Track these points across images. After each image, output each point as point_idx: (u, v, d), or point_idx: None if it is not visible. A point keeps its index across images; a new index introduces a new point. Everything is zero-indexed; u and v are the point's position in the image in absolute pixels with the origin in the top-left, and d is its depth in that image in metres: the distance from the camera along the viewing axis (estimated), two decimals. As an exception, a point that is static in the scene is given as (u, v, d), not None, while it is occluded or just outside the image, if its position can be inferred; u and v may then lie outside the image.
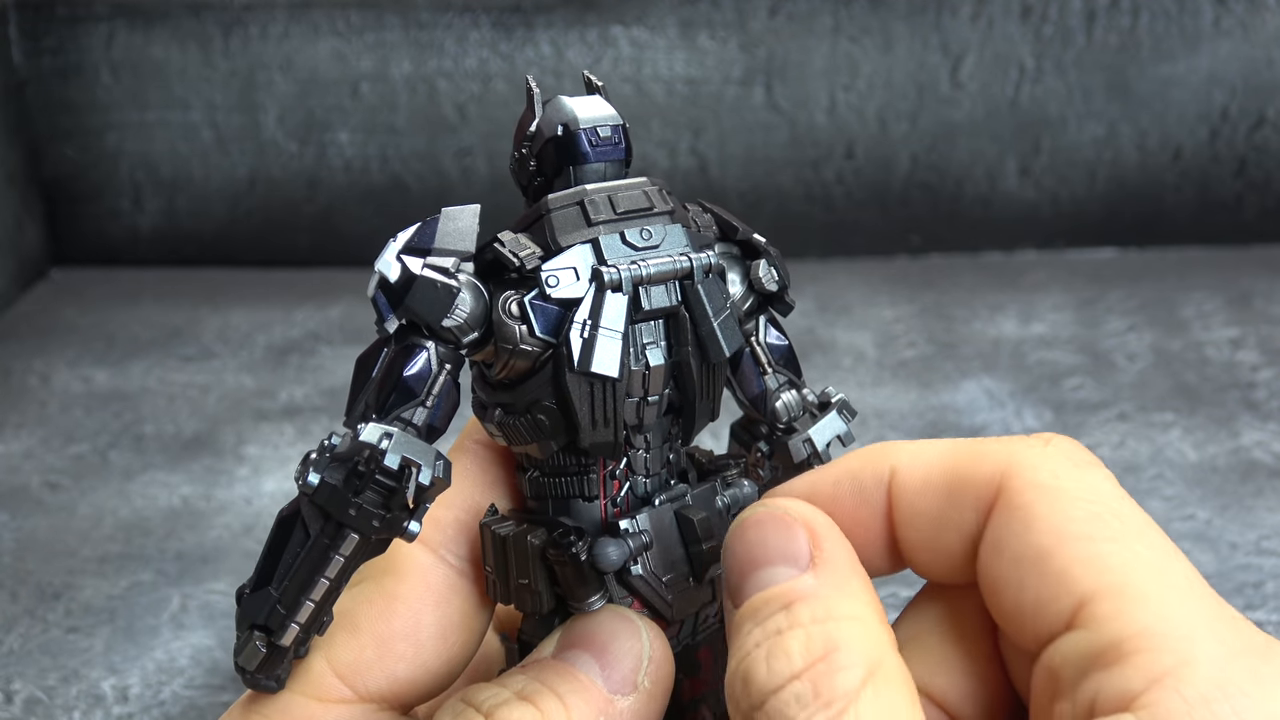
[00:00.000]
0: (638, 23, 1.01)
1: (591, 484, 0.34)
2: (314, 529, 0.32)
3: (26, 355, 0.93)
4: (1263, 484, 0.72)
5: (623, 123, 0.35)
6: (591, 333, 0.31)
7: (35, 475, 0.77)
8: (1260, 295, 0.95)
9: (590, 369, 0.31)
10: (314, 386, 0.88)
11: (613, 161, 0.34)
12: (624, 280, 0.32)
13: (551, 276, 0.32)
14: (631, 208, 0.33)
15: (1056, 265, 1.03)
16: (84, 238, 1.08)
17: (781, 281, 0.36)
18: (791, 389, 0.37)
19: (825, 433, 0.37)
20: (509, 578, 0.34)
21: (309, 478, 0.31)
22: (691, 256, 0.33)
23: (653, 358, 0.33)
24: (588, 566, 0.32)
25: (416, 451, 0.31)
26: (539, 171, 0.35)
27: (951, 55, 1.01)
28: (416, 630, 0.34)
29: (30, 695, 0.59)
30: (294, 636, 0.32)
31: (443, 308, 0.32)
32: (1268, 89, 1.01)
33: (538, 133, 0.35)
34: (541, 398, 0.32)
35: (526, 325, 0.32)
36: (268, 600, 0.32)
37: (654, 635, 0.33)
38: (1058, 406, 0.81)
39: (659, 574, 0.34)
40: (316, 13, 1.02)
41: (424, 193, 1.05)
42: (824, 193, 1.04)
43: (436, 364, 0.32)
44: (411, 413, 0.32)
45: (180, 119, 1.04)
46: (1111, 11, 1.00)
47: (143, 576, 0.67)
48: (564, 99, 0.35)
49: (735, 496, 0.35)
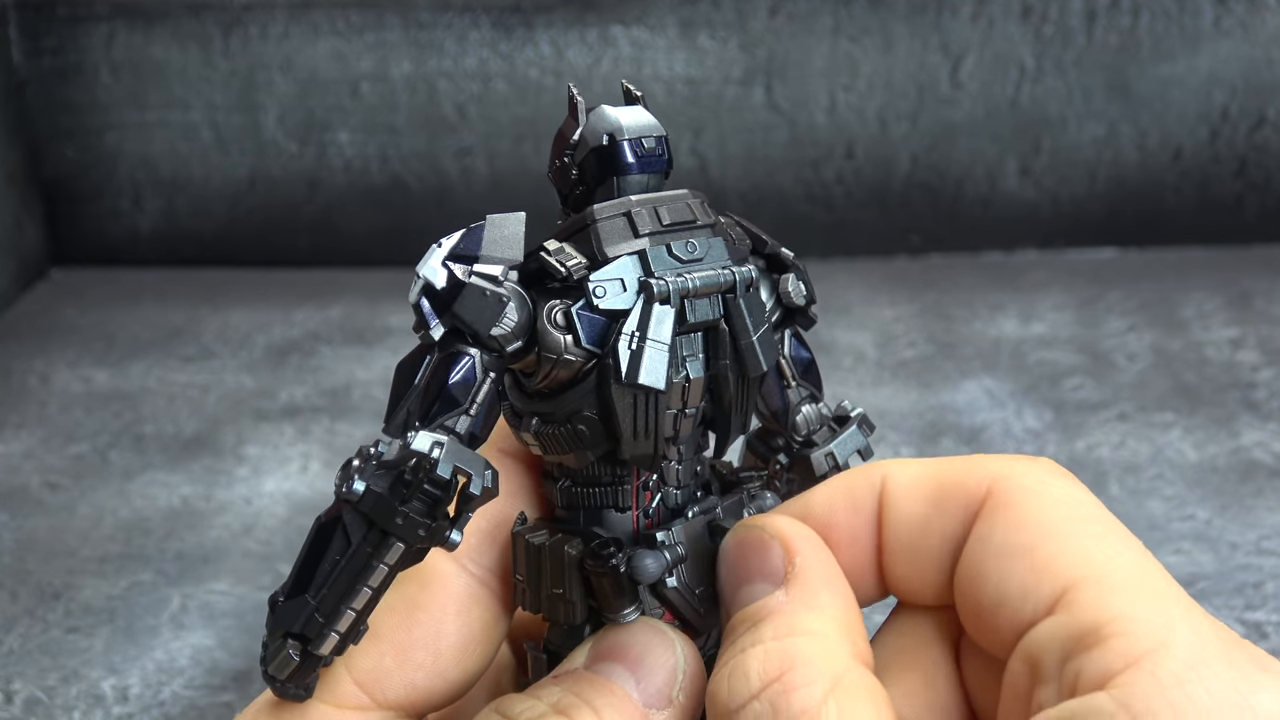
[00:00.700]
0: (638, 23, 1.01)
1: (625, 495, 0.34)
2: (356, 537, 0.31)
3: (26, 355, 0.93)
4: (1263, 484, 0.72)
5: (665, 133, 0.35)
6: (639, 345, 0.31)
7: (35, 475, 0.77)
8: (1260, 295, 0.95)
9: (638, 381, 0.31)
10: (314, 386, 0.88)
11: (655, 173, 0.34)
12: (672, 293, 0.32)
13: (599, 287, 0.32)
14: (676, 220, 0.33)
15: (1056, 265, 1.03)
16: (84, 238, 1.08)
17: (808, 296, 0.36)
18: (812, 402, 0.37)
19: (847, 447, 0.37)
20: (541, 587, 0.34)
21: (354, 485, 0.31)
22: (735, 270, 0.33)
23: (692, 370, 0.33)
24: (625, 578, 0.32)
25: (467, 461, 0.31)
26: (580, 180, 0.35)
27: (951, 55, 1.01)
28: (437, 640, 0.34)
29: (30, 695, 0.59)
30: (333, 645, 0.32)
31: (492, 316, 0.32)
32: (1268, 89, 1.01)
33: (581, 142, 0.34)
34: (583, 408, 0.32)
35: (572, 335, 0.32)
36: (304, 608, 0.32)
37: (688, 649, 0.33)
38: (1058, 406, 0.81)
39: (692, 586, 0.34)
40: (316, 13, 1.02)
41: (424, 193, 1.05)
42: (824, 193, 1.04)
43: (481, 372, 0.32)
44: (455, 421, 0.32)
45: (180, 119, 1.04)
46: (1111, 11, 1.00)
47: (143, 576, 0.67)
48: (608, 109, 0.35)
49: (760, 509, 0.36)
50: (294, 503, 0.74)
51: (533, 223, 0.34)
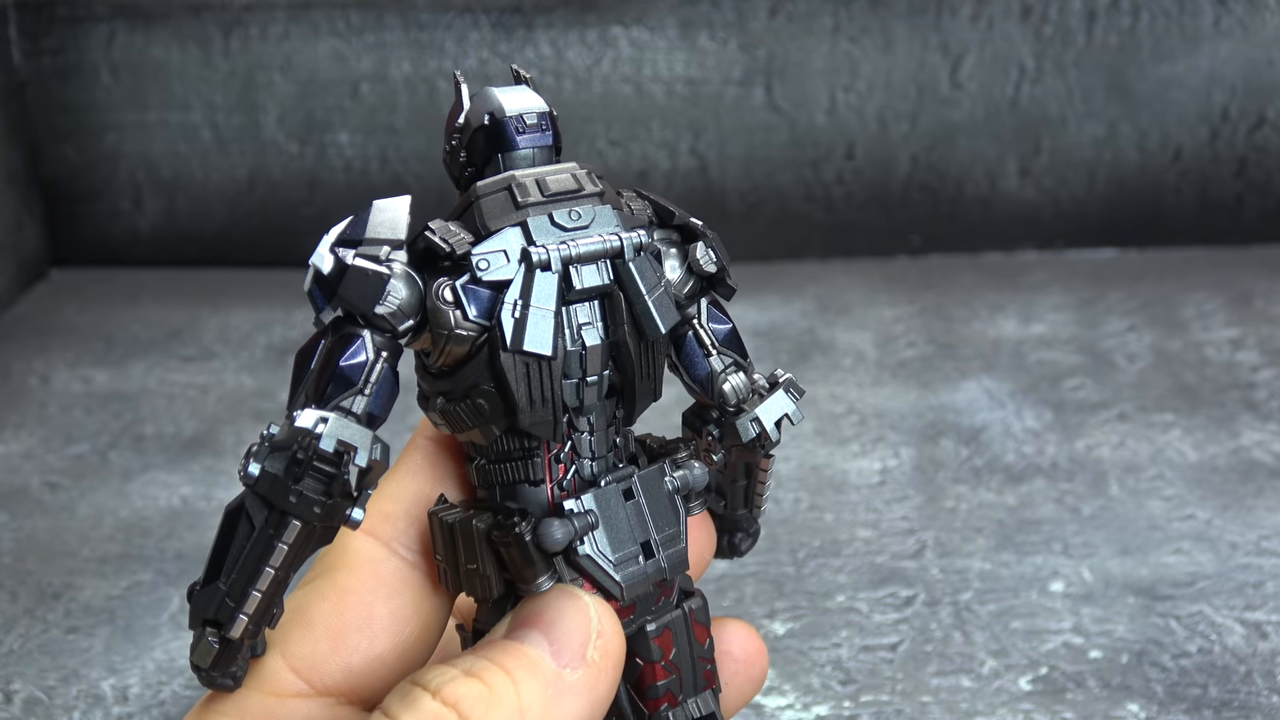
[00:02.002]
0: (638, 23, 1.01)
1: (537, 468, 0.34)
2: (258, 520, 0.32)
3: (26, 355, 0.93)
4: (1263, 484, 0.72)
5: (549, 110, 0.35)
6: (523, 312, 0.32)
7: (35, 475, 0.77)
8: (1260, 295, 0.95)
9: (523, 348, 0.32)
10: (314, 386, 0.88)
11: (541, 148, 0.34)
12: (553, 259, 0.32)
13: (482, 260, 0.32)
14: (560, 190, 0.33)
15: (1056, 265, 1.03)
16: (84, 238, 1.08)
17: (720, 263, 0.36)
18: (739, 371, 0.37)
19: (773, 410, 0.37)
20: (458, 564, 0.34)
21: (250, 469, 0.32)
22: (621, 235, 0.33)
23: (589, 338, 0.33)
24: (532, 547, 0.33)
25: (352, 435, 0.32)
26: (469, 162, 0.35)
27: (951, 55, 1.01)
28: (369, 622, 0.35)
29: (30, 695, 0.59)
30: (243, 628, 0.32)
31: (374, 295, 0.32)
32: (1268, 89, 1.01)
33: (466, 123, 0.35)
34: (480, 382, 0.33)
35: (460, 310, 0.32)
36: (216, 594, 0.32)
37: (602, 610, 0.33)
38: (1058, 406, 0.81)
39: (606, 554, 0.34)
40: (316, 13, 1.02)
41: (424, 193, 1.05)
42: (824, 193, 1.04)
43: (373, 352, 0.33)
44: (351, 401, 0.32)
45: (180, 119, 1.04)
46: (1111, 11, 1.00)
47: (143, 576, 0.67)
48: (491, 89, 0.35)
49: (685, 479, 0.35)
50: (294, 503, 0.73)
51: None
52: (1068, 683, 0.57)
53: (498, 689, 0.32)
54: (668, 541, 0.35)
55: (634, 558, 0.34)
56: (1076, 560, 0.66)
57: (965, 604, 0.63)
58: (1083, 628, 0.61)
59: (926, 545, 0.67)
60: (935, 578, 0.65)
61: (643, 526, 0.35)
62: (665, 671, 0.36)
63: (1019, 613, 0.62)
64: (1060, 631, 0.61)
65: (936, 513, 0.70)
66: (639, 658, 0.35)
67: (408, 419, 0.36)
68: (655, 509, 0.35)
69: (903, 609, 0.62)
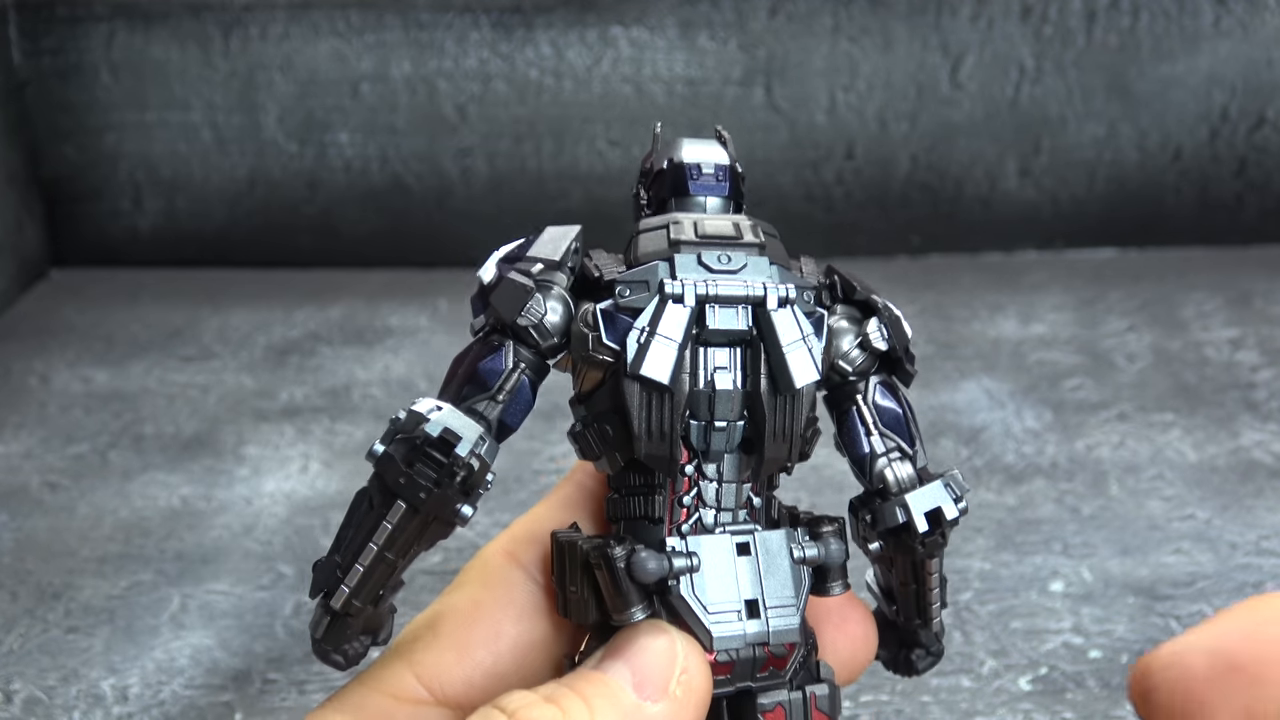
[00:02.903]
0: (638, 23, 1.01)
1: (657, 506, 0.34)
2: (376, 499, 0.33)
3: (26, 355, 0.93)
4: (1263, 484, 0.72)
5: (731, 164, 0.35)
6: (648, 339, 0.32)
7: (35, 475, 0.77)
8: (1260, 295, 0.95)
9: (640, 372, 0.32)
10: (314, 387, 0.88)
11: (716, 197, 0.35)
12: (687, 293, 0.32)
13: (625, 288, 0.33)
14: (716, 234, 0.34)
15: (1056, 265, 1.03)
16: (84, 238, 1.08)
17: (893, 341, 0.35)
18: (905, 460, 0.36)
19: (925, 500, 0.35)
20: (564, 586, 0.34)
21: (375, 447, 0.33)
22: (768, 284, 0.33)
23: (720, 382, 0.33)
24: (625, 575, 0.33)
25: (461, 426, 0.33)
26: (649, 203, 0.36)
27: (951, 55, 1.01)
28: (496, 639, 0.35)
29: (30, 695, 0.59)
30: (344, 600, 0.33)
31: (517, 305, 0.33)
32: (1268, 89, 1.01)
33: (650, 167, 0.36)
34: (608, 407, 0.33)
35: (596, 332, 0.33)
36: (330, 565, 0.34)
37: (690, 648, 0.33)
38: (1058, 406, 0.81)
39: (702, 600, 0.33)
40: (316, 13, 1.02)
41: (424, 193, 1.05)
42: (824, 193, 1.04)
43: (513, 362, 0.34)
44: (484, 405, 0.33)
45: (180, 119, 1.04)
46: (1111, 11, 1.00)
47: (143, 576, 0.67)
48: (682, 139, 0.36)
49: (818, 553, 0.34)
50: (294, 503, 0.74)
51: (535, 218, 0.35)
52: (1067, 683, 0.57)
53: (573, 715, 0.31)
54: (779, 609, 0.34)
55: (734, 613, 0.33)
56: (1076, 560, 0.66)
57: (965, 604, 0.63)
58: (1083, 628, 0.61)
59: (926, 545, 0.67)
60: (935, 578, 0.65)
61: (753, 585, 0.33)
62: None
63: (1019, 613, 0.62)
64: (1060, 631, 0.61)
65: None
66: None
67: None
68: (771, 571, 0.34)
69: None
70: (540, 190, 1.04)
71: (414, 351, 0.92)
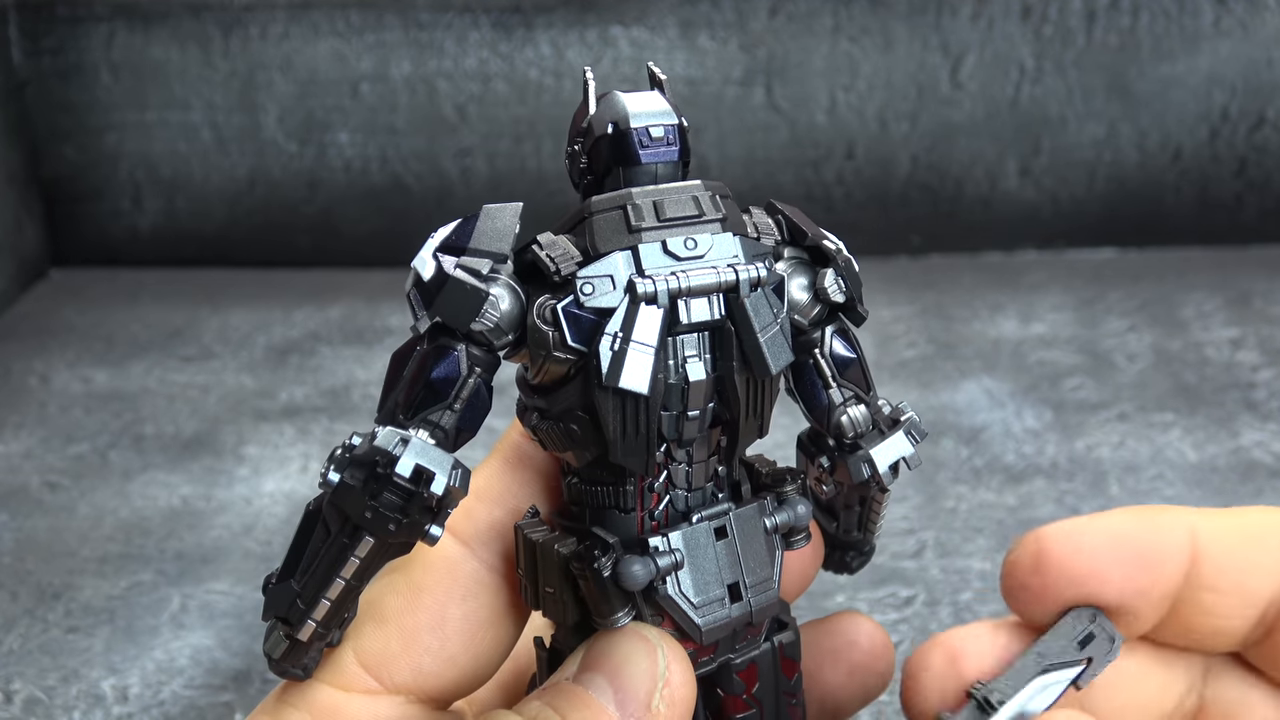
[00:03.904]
0: (638, 23, 1.01)
1: (628, 496, 0.33)
2: (334, 527, 0.32)
3: (26, 355, 0.93)
4: (1263, 484, 0.72)
5: (679, 121, 0.33)
6: (622, 346, 0.30)
7: (35, 475, 0.77)
8: (1260, 295, 0.95)
9: (618, 384, 0.30)
10: (314, 386, 0.88)
11: (665, 163, 0.33)
12: (660, 293, 0.31)
13: (587, 284, 0.31)
14: (678, 214, 0.31)
15: (1056, 265, 1.03)
16: (84, 238, 1.08)
17: (849, 292, 0.34)
18: (859, 404, 0.35)
19: (888, 453, 0.35)
20: (538, 584, 0.33)
21: (330, 475, 0.31)
22: (738, 269, 0.31)
23: (693, 372, 0.31)
24: (610, 583, 0.31)
25: (432, 459, 0.30)
26: (590, 169, 0.33)
27: (951, 55, 1.01)
28: (442, 624, 0.34)
29: (30, 695, 0.59)
30: (311, 633, 0.32)
31: (471, 311, 0.31)
32: (1268, 89, 1.01)
33: (589, 129, 0.33)
34: (574, 406, 0.31)
35: (559, 332, 0.31)
36: (289, 593, 0.32)
37: (673, 657, 0.32)
38: (1058, 406, 0.81)
39: (690, 595, 0.32)
40: (316, 13, 1.02)
41: (424, 193, 1.05)
42: (824, 193, 1.04)
43: (467, 367, 0.31)
44: (439, 415, 0.31)
45: (180, 119, 1.04)
46: (1111, 11, 1.00)
47: (143, 576, 0.67)
48: (619, 94, 0.33)
49: (788, 518, 0.34)
50: (294, 503, 0.74)
51: (538, 221, 0.33)
52: (1068, 683, 0.57)
53: None
54: (758, 586, 0.33)
55: (719, 600, 0.33)
56: (1076, 560, 0.66)
57: (965, 604, 0.63)
58: (1083, 628, 0.61)
59: (926, 545, 0.67)
60: (935, 578, 0.65)
61: (733, 567, 0.33)
62: (746, 705, 0.35)
63: (1019, 613, 0.62)
64: (1060, 631, 0.61)
65: (936, 513, 0.70)
66: (720, 689, 0.34)
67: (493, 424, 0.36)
68: (748, 549, 0.33)
69: (903, 609, 0.62)
70: (540, 190, 1.04)
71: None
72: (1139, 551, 0.34)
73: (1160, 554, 0.34)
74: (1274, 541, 0.34)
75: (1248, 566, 0.33)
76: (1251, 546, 0.34)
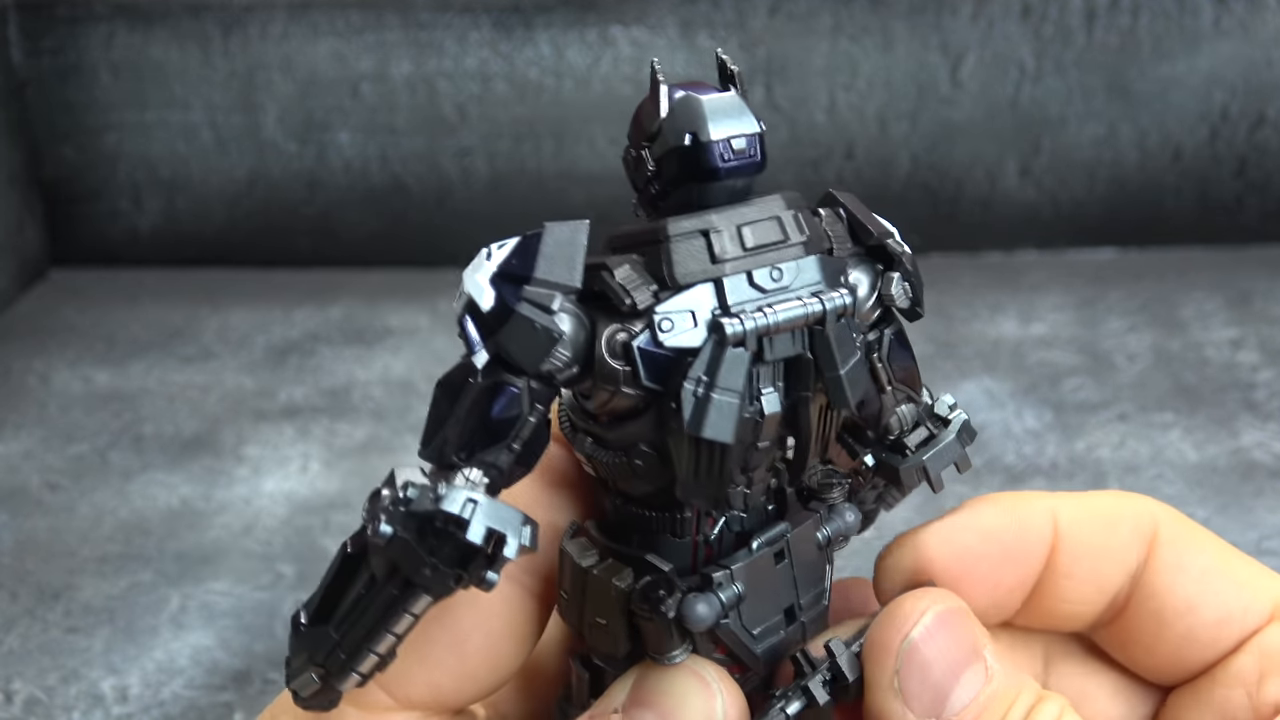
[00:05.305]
0: (638, 23, 1.01)
1: (684, 523, 0.31)
2: (380, 574, 0.29)
3: (26, 355, 0.93)
4: (1263, 484, 0.72)
5: (760, 130, 0.30)
6: (706, 392, 0.28)
7: (35, 475, 0.77)
8: (1260, 295, 0.95)
9: (702, 433, 0.28)
10: (314, 386, 0.88)
11: (748, 177, 0.30)
12: (748, 335, 0.28)
13: (666, 320, 0.28)
14: (762, 242, 0.29)
15: (1056, 265, 1.03)
16: (84, 238, 1.08)
17: (914, 298, 0.32)
18: (907, 403, 0.33)
19: (942, 459, 0.33)
20: (585, 611, 0.31)
21: (381, 528, 0.28)
22: (824, 299, 0.29)
23: (768, 404, 0.29)
24: (675, 623, 0.30)
25: (502, 520, 0.28)
26: (657, 177, 0.30)
27: (951, 55, 1.01)
28: (462, 642, 0.33)
29: (30, 695, 0.59)
30: (355, 684, 0.30)
31: (540, 352, 0.28)
32: (1268, 89, 1.01)
33: (661, 136, 0.30)
34: (639, 441, 0.29)
35: (631, 369, 0.28)
36: (327, 640, 0.30)
37: (730, 698, 0.31)
38: (1058, 406, 0.81)
39: (749, 627, 0.31)
40: (316, 13, 1.02)
41: (424, 193, 1.05)
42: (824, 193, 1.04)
43: (528, 405, 0.28)
44: (495, 455, 0.28)
45: (180, 119, 1.04)
46: (1111, 11, 1.00)
47: (143, 576, 0.67)
48: (696, 98, 0.30)
49: (837, 528, 0.33)
50: (294, 503, 0.74)
51: (544, 218, 0.32)
52: (1068, 683, 0.57)
53: None
54: (811, 602, 0.32)
55: (777, 628, 0.31)
56: (1076, 560, 0.66)
57: (965, 604, 0.63)
58: (1083, 628, 0.61)
59: (926, 545, 0.67)
60: (935, 578, 0.65)
61: (789, 589, 0.31)
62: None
63: (1019, 613, 0.62)
64: (1060, 631, 0.61)
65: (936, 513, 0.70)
66: None
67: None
68: (803, 567, 0.32)
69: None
70: (540, 190, 1.04)
71: (413, 351, 0.92)
72: (1007, 549, 0.34)
73: (1026, 548, 0.34)
74: (1125, 526, 0.34)
75: (1101, 550, 0.34)
76: (1104, 531, 0.34)
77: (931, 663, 0.30)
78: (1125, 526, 0.34)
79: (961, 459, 0.34)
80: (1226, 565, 0.34)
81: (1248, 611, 0.33)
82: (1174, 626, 0.34)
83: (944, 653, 0.31)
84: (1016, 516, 0.34)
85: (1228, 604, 0.33)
